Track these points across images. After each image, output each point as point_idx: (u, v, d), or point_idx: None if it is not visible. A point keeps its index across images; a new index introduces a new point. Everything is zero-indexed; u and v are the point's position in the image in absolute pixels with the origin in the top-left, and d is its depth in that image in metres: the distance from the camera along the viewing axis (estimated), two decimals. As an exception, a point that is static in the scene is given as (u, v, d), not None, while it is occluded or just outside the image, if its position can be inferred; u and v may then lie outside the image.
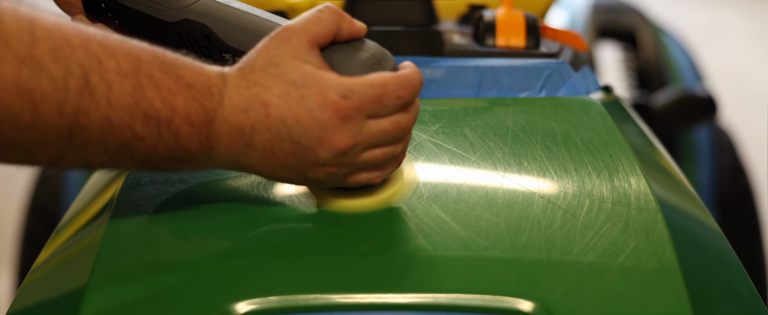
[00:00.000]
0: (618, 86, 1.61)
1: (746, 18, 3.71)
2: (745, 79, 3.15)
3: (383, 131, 0.65)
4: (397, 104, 0.65)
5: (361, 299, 0.62)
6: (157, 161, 0.63)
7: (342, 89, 0.63)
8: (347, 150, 0.64)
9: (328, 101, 0.63)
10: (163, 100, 0.61)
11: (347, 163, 0.65)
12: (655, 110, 1.54)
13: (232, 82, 0.63)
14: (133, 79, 0.60)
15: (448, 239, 0.65)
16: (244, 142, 0.63)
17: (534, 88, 0.86)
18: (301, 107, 0.63)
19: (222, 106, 0.63)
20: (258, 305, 0.61)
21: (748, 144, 2.13)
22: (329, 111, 0.63)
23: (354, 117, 0.64)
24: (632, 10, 1.79)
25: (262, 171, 0.65)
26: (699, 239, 0.71)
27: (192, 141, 0.62)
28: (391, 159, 0.68)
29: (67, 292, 0.65)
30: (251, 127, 0.63)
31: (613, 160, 0.74)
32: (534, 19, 0.93)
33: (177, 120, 0.61)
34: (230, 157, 0.64)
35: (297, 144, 0.63)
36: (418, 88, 0.66)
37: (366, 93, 0.64)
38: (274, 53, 0.64)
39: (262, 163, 0.64)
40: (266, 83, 0.63)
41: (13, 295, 1.51)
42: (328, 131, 0.63)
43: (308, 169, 0.65)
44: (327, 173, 0.65)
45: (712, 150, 1.62)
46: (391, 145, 0.67)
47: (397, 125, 0.66)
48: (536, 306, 0.61)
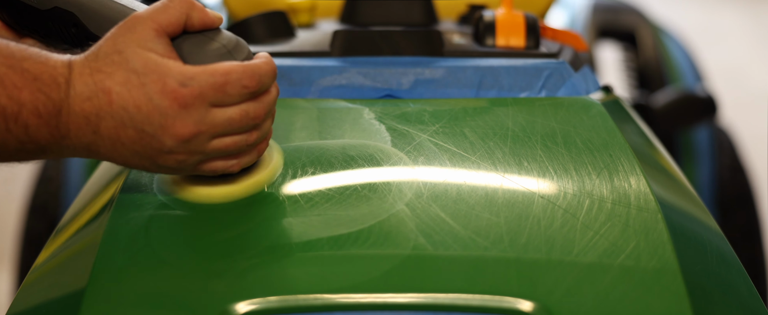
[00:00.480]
0: (618, 86, 1.61)
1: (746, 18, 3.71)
2: (745, 79, 3.15)
3: (229, 120, 0.66)
4: (241, 93, 0.66)
5: (361, 299, 0.62)
6: (8, 154, 0.64)
7: (181, 77, 0.64)
8: (191, 138, 0.65)
9: (167, 88, 0.64)
10: (9, 96, 0.62)
11: (195, 151, 0.66)
12: (655, 110, 1.54)
13: (77, 70, 0.64)
14: None
15: (448, 239, 0.65)
16: (90, 130, 0.64)
17: (534, 88, 0.86)
18: (141, 95, 0.64)
19: (68, 95, 0.63)
20: (258, 305, 0.61)
21: (748, 144, 2.13)
22: (168, 98, 0.64)
23: (194, 105, 0.64)
24: (632, 10, 1.79)
25: (114, 159, 0.66)
26: (699, 239, 0.71)
27: (42, 133, 0.63)
28: (245, 148, 0.68)
29: (67, 292, 0.65)
30: (96, 114, 0.64)
31: (613, 160, 0.74)
32: (534, 19, 0.93)
33: (24, 113, 0.62)
34: (81, 146, 0.65)
35: (141, 131, 0.64)
36: (266, 78, 0.67)
37: (207, 81, 0.64)
38: (118, 41, 0.65)
39: (111, 150, 0.65)
40: (108, 70, 0.64)
41: (13, 295, 1.51)
42: (168, 119, 0.64)
43: (157, 157, 0.66)
44: (176, 161, 0.66)
45: (712, 150, 1.62)
46: (243, 134, 0.67)
47: (245, 114, 0.66)
48: (536, 306, 0.61)
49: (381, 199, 0.69)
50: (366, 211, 0.68)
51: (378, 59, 0.88)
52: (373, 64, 0.87)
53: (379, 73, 0.86)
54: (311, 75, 0.85)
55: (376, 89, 0.85)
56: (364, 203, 0.69)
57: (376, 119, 0.79)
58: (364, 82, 0.85)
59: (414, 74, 0.86)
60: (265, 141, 0.70)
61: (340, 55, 0.89)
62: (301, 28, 1.01)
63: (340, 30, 0.91)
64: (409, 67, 0.86)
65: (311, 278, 0.63)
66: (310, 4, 1.05)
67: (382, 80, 0.85)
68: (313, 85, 0.85)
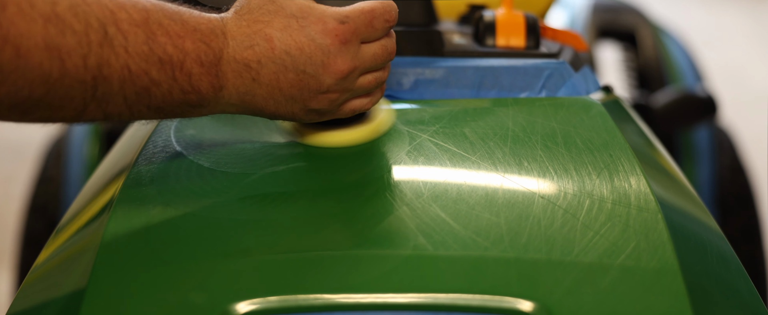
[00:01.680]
0: (618, 86, 1.61)
1: (746, 18, 3.71)
2: (745, 79, 3.15)
3: (375, 55, 0.71)
4: (384, 27, 0.71)
5: (361, 299, 0.62)
6: (172, 106, 0.66)
7: (339, 15, 0.69)
8: (348, 73, 0.69)
9: (328, 27, 0.68)
10: (174, 45, 0.64)
11: (347, 88, 0.70)
12: (655, 110, 1.54)
13: (232, 23, 0.67)
14: (145, 28, 0.63)
15: (448, 239, 0.65)
16: (250, 77, 0.67)
17: (534, 89, 0.86)
18: (303, 36, 0.67)
19: (227, 45, 0.66)
20: (258, 305, 0.61)
21: (748, 144, 2.13)
22: (330, 36, 0.68)
23: (352, 41, 0.69)
24: (632, 10, 1.79)
25: (267, 106, 0.69)
26: (699, 239, 0.71)
27: (203, 82, 0.66)
28: (380, 85, 0.73)
29: (67, 292, 0.65)
30: (257, 61, 0.67)
31: (613, 160, 0.74)
32: (534, 19, 0.93)
33: (188, 62, 0.65)
34: (237, 96, 0.68)
35: (302, 73, 0.68)
36: (396, 13, 0.72)
37: (359, 18, 0.69)
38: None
39: (267, 97, 0.68)
40: (266, 19, 0.67)
41: (13, 295, 1.51)
42: (330, 56, 0.68)
43: (311, 99, 0.69)
44: (328, 100, 0.70)
45: (712, 150, 1.62)
46: (380, 71, 0.73)
47: (384, 49, 0.72)
48: (536, 306, 0.61)
49: (381, 199, 0.69)
50: (366, 211, 0.68)
51: (378, 59, 0.88)
52: (373, 64, 0.87)
53: (379, 73, 0.86)
54: (311, 75, 0.85)
55: (376, 89, 0.85)
56: (365, 203, 0.69)
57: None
58: (364, 82, 0.85)
59: (414, 74, 0.86)
60: (386, 79, 0.75)
61: (340, 55, 0.89)
62: (301, 28, 1.01)
63: (340, 30, 0.91)
64: (409, 67, 0.86)
65: (311, 278, 0.63)
66: None
67: (382, 80, 0.85)
68: (313, 85, 0.85)
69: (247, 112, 0.70)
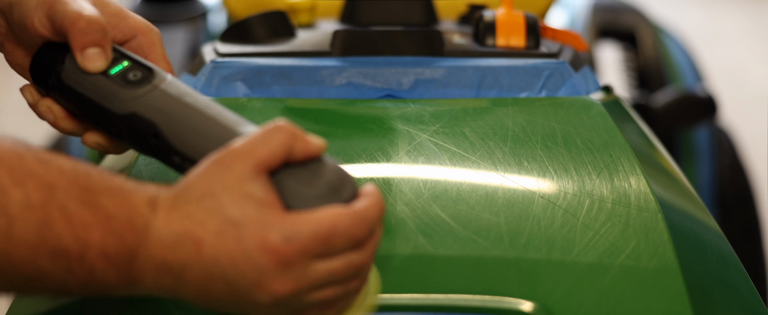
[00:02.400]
0: (618, 86, 1.61)
1: (746, 18, 3.71)
2: (745, 79, 3.15)
3: (332, 273, 0.58)
4: (348, 245, 0.58)
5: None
6: (71, 294, 0.58)
7: (284, 231, 0.56)
8: (288, 296, 0.57)
9: (268, 245, 0.56)
10: (75, 235, 0.55)
11: (291, 306, 0.58)
12: (655, 110, 1.54)
13: (162, 212, 0.57)
14: (41, 212, 0.55)
15: (448, 239, 0.65)
16: (172, 277, 0.57)
17: (534, 88, 0.86)
18: (237, 249, 0.56)
19: (147, 241, 0.56)
20: None
21: (748, 144, 2.13)
22: (268, 255, 0.56)
23: (297, 261, 0.57)
24: (632, 10, 1.79)
25: (199, 304, 0.59)
26: (699, 239, 0.71)
27: (109, 275, 0.56)
28: (345, 296, 0.60)
29: (67, 292, 0.65)
30: (180, 264, 0.56)
31: (613, 160, 0.74)
32: (534, 19, 0.93)
33: (91, 256, 0.56)
34: (158, 290, 0.58)
35: (233, 286, 0.57)
36: (375, 222, 0.59)
37: (311, 234, 0.56)
38: (212, 181, 0.57)
39: (196, 298, 0.58)
40: (200, 217, 0.56)
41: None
42: (266, 277, 0.56)
43: (249, 309, 0.58)
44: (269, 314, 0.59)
45: (712, 150, 1.62)
46: (344, 284, 0.59)
47: (349, 265, 0.58)
48: (536, 306, 0.61)
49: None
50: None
51: (378, 59, 0.88)
52: (373, 64, 0.87)
53: (379, 73, 0.86)
54: (311, 75, 0.85)
55: (376, 89, 0.85)
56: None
57: (376, 119, 0.79)
58: (364, 82, 0.85)
59: (414, 74, 0.86)
60: (364, 282, 0.61)
61: (341, 55, 0.89)
62: (301, 28, 1.01)
63: (341, 30, 0.91)
64: (409, 67, 0.86)
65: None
66: (310, 4, 1.05)
67: (382, 80, 0.85)
68: (313, 85, 0.85)
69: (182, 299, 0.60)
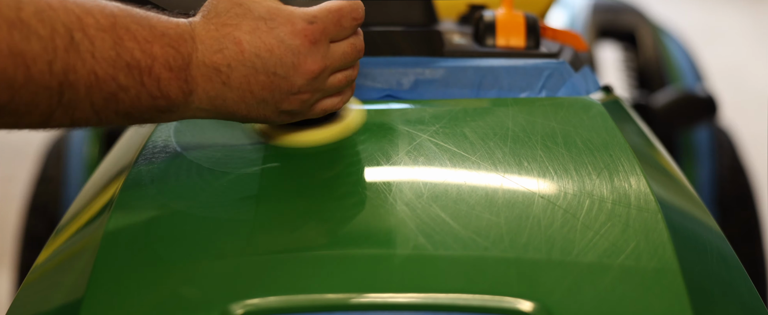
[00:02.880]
0: (618, 86, 1.61)
1: (746, 18, 3.71)
2: (745, 79, 3.15)
3: (344, 54, 0.71)
4: (352, 26, 0.71)
5: (361, 299, 0.62)
6: (140, 112, 0.66)
7: (307, 16, 0.68)
8: (319, 73, 0.69)
9: (297, 28, 0.68)
10: (142, 50, 0.64)
11: (318, 88, 0.70)
12: (655, 110, 1.54)
13: (200, 27, 0.67)
14: (112, 33, 0.63)
15: (448, 239, 0.65)
16: (220, 81, 0.67)
17: (534, 88, 0.86)
18: (272, 38, 0.67)
19: (196, 49, 0.66)
20: (258, 305, 0.61)
21: (748, 144, 2.13)
22: (300, 37, 0.68)
23: (321, 40, 0.69)
24: (632, 10, 1.79)
25: (239, 110, 0.69)
26: (699, 239, 0.71)
27: (172, 87, 0.65)
28: (350, 83, 0.74)
29: (68, 292, 0.65)
30: (227, 65, 0.66)
31: (613, 160, 0.74)
32: (534, 19, 0.93)
33: (157, 67, 0.64)
34: (208, 100, 0.67)
35: (273, 75, 0.68)
36: (363, 10, 0.72)
37: (327, 17, 0.69)
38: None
39: (238, 101, 0.68)
40: (234, 22, 0.67)
41: (13, 295, 1.51)
42: (300, 57, 0.68)
43: (283, 101, 0.69)
44: (300, 101, 0.70)
45: (712, 150, 1.62)
46: (349, 69, 0.73)
47: (353, 47, 0.72)
48: (536, 306, 0.61)
49: (381, 199, 0.69)
50: (366, 211, 0.68)
51: (378, 59, 0.88)
52: (373, 64, 0.87)
53: (379, 73, 0.86)
54: (311, 75, 0.85)
55: (376, 89, 0.85)
56: (365, 203, 0.69)
57: (376, 119, 0.79)
58: (364, 82, 0.85)
59: (414, 74, 0.86)
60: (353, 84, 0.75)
61: (340, 55, 0.89)
62: (301, 28, 1.01)
63: (340, 30, 0.91)
64: (409, 67, 0.86)
65: (311, 278, 0.63)
66: None
67: (382, 80, 0.85)
68: (313, 85, 0.85)
69: (219, 117, 0.70)
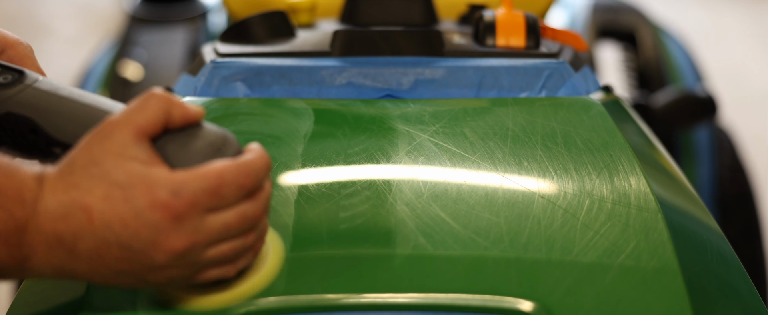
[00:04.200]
0: (618, 86, 1.61)
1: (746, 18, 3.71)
2: (745, 79, 3.15)
3: (226, 226, 0.59)
4: (238, 195, 0.59)
5: (361, 299, 0.62)
6: None
7: (172, 185, 0.57)
8: (185, 251, 0.58)
9: (158, 201, 0.57)
10: None
11: (189, 263, 0.59)
12: (655, 110, 1.54)
13: (48, 185, 0.57)
14: None
15: (448, 239, 0.65)
16: (65, 251, 0.57)
17: (534, 88, 0.86)
18: (127, 210, 0.57)
19: (36, 213, 0.57)
20: (258, 305, 0.61)
21: (748, 144, 2.13)
22: (160, 211, 0.57)
23: (189, 215, 0.58)
24: (632, 10, 1.79)
25: (93, 279, 0.59)
26: (699, 239, 0.71)
27: (1, 253, 0.57)
28: (242, 252, 0.61)
29: (68, 292, 0.65)
30: (72, 234, 0.57)
31: (613, 160, 0.74)
32: (534, 19, 0.93)
33: None
34: (51, 268, 0.58)
35: (127, 249, 0.57)
36: (262, 174, 0.61)
37: (200, 187, 0.58)
38: (95, 150, 0.58)
39: (90, 271, 0.58)
40: (87, 185, 0.57)
41: (13, 296, 1.51)
42: (160, 233, 0.57)
43: (146, 274, 0.59)
44: (167, 277, 0.59)
45: (712, 150, 1.62)
46: (240, 238, 0.61)
47: (242, 217, 0.60)
48: (536, 306, 0.61)
49: (381, 199, 0.69)
50: (366, 211, 0.68)
51: (378, 59, 0.88)
52: (373, 64, 0.87)
53: (379, 73, 0.86)
54: (311, 75, 0.85)
55: (376, 89, 0.85)
56: (365, 203, 0.69)
57: (376, 119, 0.79)
58: (364, 82, 0.85)
59: (414, 74, 0.86)
60: (261, 239, 0.63)
61: (341, 55, 0.89)
62: (301, 28, 1.01)
63: (340, 30, 0.91)
64: (409, 67, 0.86)
65: (311, 278, 0.63)
66: (310, 4, 1.05)
67: (382, 80, 0.85)
68: (313, 86, 0.85)
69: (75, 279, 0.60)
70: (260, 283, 0.63)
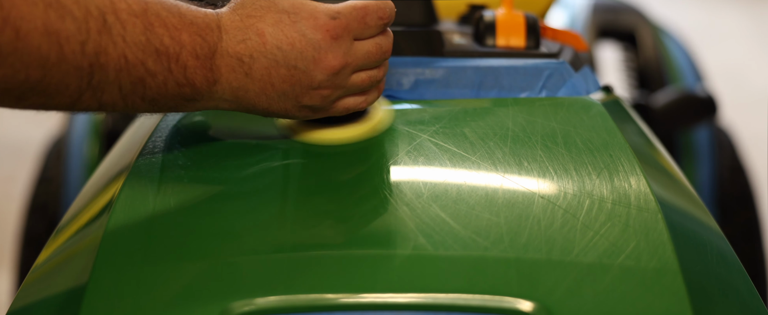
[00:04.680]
0: (618, 86, 1.61)
1: (746, 18, 3.71)
2: (745, 79, 3.15)
3: (368, 53, 0.71)
4: (378, 25, 0.71)
5: (361, 299, 0.62)
6: (166, 99, 0.67)
7: (330, 11, 0.69)
8: (340, 69, 0.69)
9: (320, 23, 0.68)
10: (171, 36, 0.65)
11: (339, 84, 0.70)
12: (655, 110, 1.54)
13: (226, 18, 0.68)
14: (143, 18, 0.64)
15: (448, 239, 0.65)
16: (243, 71, 0.68)
17: (534, 89, 0.86)
18: (294, 32, 0.68)
19: (221, 39, 0.67)
20: (258, 305, 0.61)
21: (748, 144, 2.13)
22: (321, 32, 0.68)
23: (343, 36, 0.69)
24: (632, 10, 1.79)
25: (260, 102, 0.70)
26: (699, 239, 0.71)
27: (198, 75, 0.67)
28: (374, 84, 0.73)
29: (67, 292, 0.65)
30: (250, 55, 0.68)
31: (613, 160, 0.74)
32: (534, 19, 0.93)
33: (184, 54, 0.66)
34: (231, 91, 0.68)
35: (293, 68, 0.68)
36: (392, 11, 0.72)
37: (351, 14, 0.69)
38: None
39: (260, 93, 0.69)
40: (259, 14, 0.68)
41: (13, 295, 1.51)
42: (321, 51, 0.68)
43: (303, 95, 0.70)
44: (321, 97, 0.70)
45: (712, 150, 1.62)
46: (374, 69, 0.73)
47: (379, 47, 0.72)
48: (536, 306, 0.61)
49: (381, 198, 0.69)
50: (366, 211, 0.68)
51: (378, 59, 0.88)
52: (373, 64, 0.87)
53: (379, 73, 0.86)
54: (311, 75, 0.85)
55: (376, 89, 0.85)
56: (365, 203, 0.69)
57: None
58: (364, 82, 0.85)
59: (414, 74, 0.86)
60: (383, 79, 0.75)
61: (340, 55, 0.89)
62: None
63: (340, 30, 0.91)
64: (409, 67, 0.86)
65: (311, 278, 0.63)
66: None
67: (382, 80, 0.85)
68: (313, 85, 0.85)
69: (241, 109, 0.71)
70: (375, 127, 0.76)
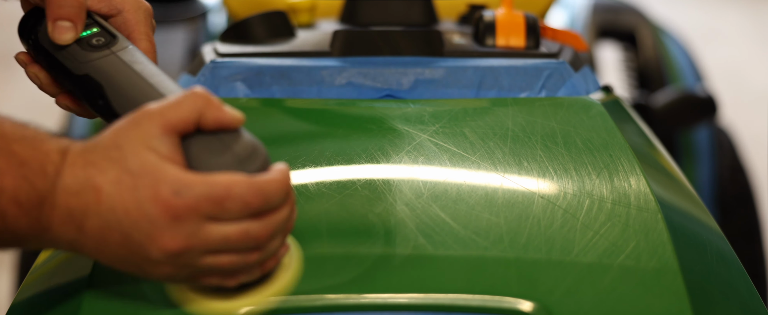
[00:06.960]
0: (618, 86, 1.61)
1: (746, 18, 3.71)
2: (745, 79, 3.15)
3: (225, 238, 0.58)
4: (242, 210, 0.58)
5: (361, 299, 0.62)
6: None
7: (176, 185, 0.57)
8: (179, 252, 0.58)
9: (159, 196, 0.57)
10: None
11: (185, 265, 0.59)
12: (655, 110, 1.54)
13: (70, 159, 0.58)
14: None
15: (448, 239, 0.65)
16: (75, 226, 0.58)
17: (534, 88, 0.86)
18: (132, 198, 0.57)
19: (55, 186, 0.58)
20: (258, 305, 0.61)
21: (748, 144, 2.13)
22: (159, 207, 0.57)
23: (187, 217, 0.57)
24: (632, 10, 1.79)
25: (100, 260, 0.60)
26: (699, 239, 0.71)
27: (20, 223, 0.58)
28: (244, 268, 0.60)
29: (68, 292, 0.65)
30: (82, 211, 0.58)
31: (613, 160, 0.74)
32: (534, 19, 0.93)
33: (3, 201, 0.57)
34: (65, 242, 0.59)
35: (128, 237, 0.58)
36: (275, 197, 0.59)
37: (204, 192, 0.57)
38: (121, 135, 0.59)
39: (97, 251, 0.59)
40: (103, 165, 0.58)
41: (13, 295, 1.51)
42: (157, 229, 0.57)
43: (145, 266, 0.59)
44: (164, 274, 0.59)
45: (712, 150, 1.62)
46: (241, 254, 0.59)
47: (244, 234, 0.58)
48: (536, 306, 0.61)
49: (381, 199, 0.69)
50: (366, 212, 0.68)
51: (378, 59, 0.88)
52: (373, 64, 0.87)
53: (379, 73, 0.86)
54: (311, 75, 0.85)
55: (376, 89, 0.85)
56: (365, 203, 0.69)
57: (376, 119, 0.79)
58: (364, 82, 0.85)
59: (414, 74, 0.86)
60: (273, 258, 0.62)
61: (340, 55, 0.89)
62: (301, 28, 1.01)
63: (340, 30, 0.91)
64: (409, 67, 0.86)
65: (311, 278, 0.63)
66: (310, 4, 1.05)
67: (382, 80, 0.85)
68: (313, 86, 0.85)
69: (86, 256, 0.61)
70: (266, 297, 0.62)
